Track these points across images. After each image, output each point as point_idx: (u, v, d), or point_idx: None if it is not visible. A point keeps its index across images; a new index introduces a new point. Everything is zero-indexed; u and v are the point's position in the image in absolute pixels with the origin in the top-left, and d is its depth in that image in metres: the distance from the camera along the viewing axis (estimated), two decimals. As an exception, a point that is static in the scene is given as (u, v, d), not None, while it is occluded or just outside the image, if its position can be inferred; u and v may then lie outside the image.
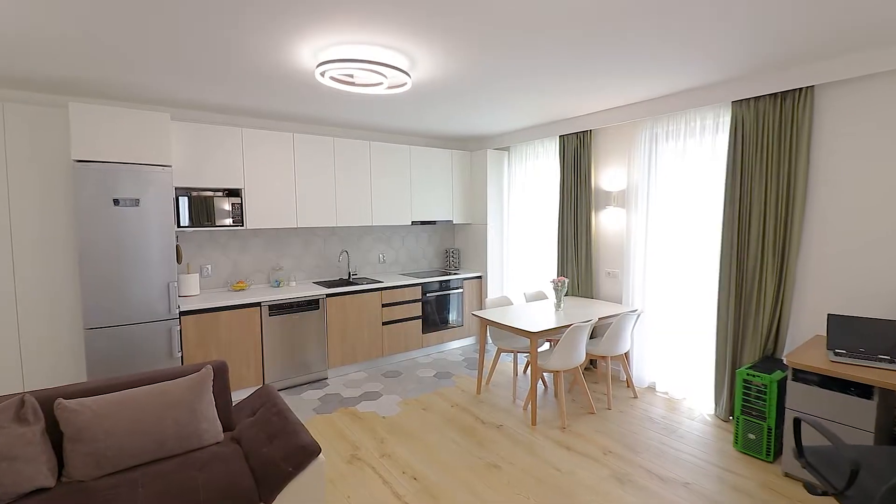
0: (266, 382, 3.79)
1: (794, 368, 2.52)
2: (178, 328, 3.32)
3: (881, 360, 2.36)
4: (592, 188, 4.18)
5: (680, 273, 3.63)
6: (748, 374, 2.79)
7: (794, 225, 2.92)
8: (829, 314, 2.64)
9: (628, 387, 3.87)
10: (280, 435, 2.08)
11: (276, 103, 3.62)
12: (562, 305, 3.79)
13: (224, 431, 2.31)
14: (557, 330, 3.27)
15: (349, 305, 4.21)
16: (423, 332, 4.74)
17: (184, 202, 3.56)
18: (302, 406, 3.57)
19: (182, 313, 3.38)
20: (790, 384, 2.54)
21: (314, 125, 4.48)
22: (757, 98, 3.04)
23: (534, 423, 3.23)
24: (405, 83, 2.84)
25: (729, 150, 3.18)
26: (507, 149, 5.19)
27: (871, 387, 2.27)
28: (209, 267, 4.00)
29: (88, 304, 3.03)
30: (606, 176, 4.13)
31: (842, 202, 2.80)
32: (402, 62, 2.62)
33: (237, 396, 3.67)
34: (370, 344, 4.37)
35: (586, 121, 4.15)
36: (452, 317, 4.97)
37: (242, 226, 3.82)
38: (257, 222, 3.89)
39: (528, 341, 3.81)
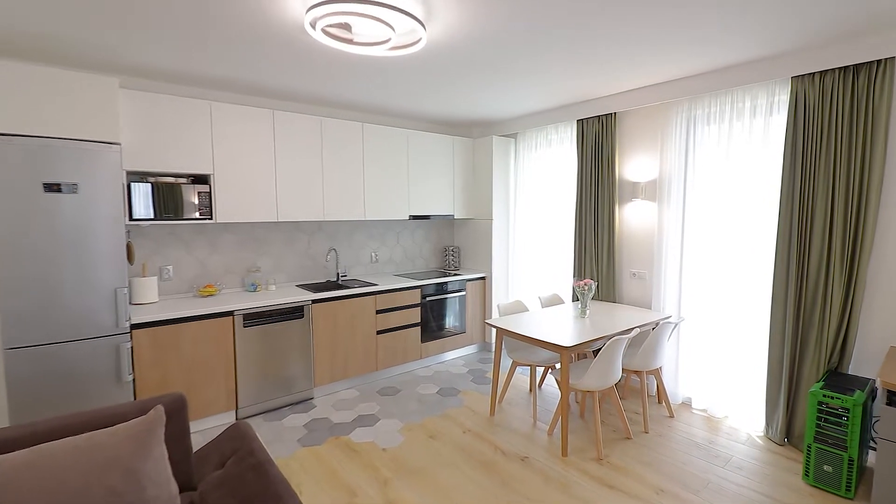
0: (240, 406, 3.18)
1: (889, 390, 2.09)
2: (129, 345, 2.69)
3: None
4: (616, 179, 3.72)
5: (721, 274, 3.20)
6: (824, 396, 2.36)
7: (867, 221, 2.50)
8: (922, 325, 2.23)
9: (660, 402, 3.42)
10: (258, 502, 1.51)
11: (253, 71, 3.01)
12: (587, 312, 3.31)
13: (182, 491, 1.73)
14: (590, 343, 2.79)
15: (339, 312, 3.63)
16: (422, 341, 4.20)
17: (138, 190, 2.92)
18: (284, 435, 2.98)
19: (134, 326, 2.74)
20: (884, 409, 2.11)
21: (298, 103, 3.87)
22: (823, 72, 2.61)
23: (564, 453, 2.74)
24: (417, 40, 2.29)
25: (787, 135, 2.75)
26: (514, 136, 4.69)
27: None
28: (170, 268, 3.35)
29: (10, 316, 2.38)
30: (633, 165, 3.67)
31: (928, 193, 2.40)
32: (415, 8, 2.07)
33: (204, 426, 3.05)
34: (363, 356, 3.80)
35: (610, 102, 3.68)
36: (454, 323, 4.44)
37: (211, 219, 3.19)
38: (229, 215, 3.27)
39: (548, 354, 3.32)
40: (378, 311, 3.87)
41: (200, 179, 3.23)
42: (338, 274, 4.14)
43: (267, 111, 3.40)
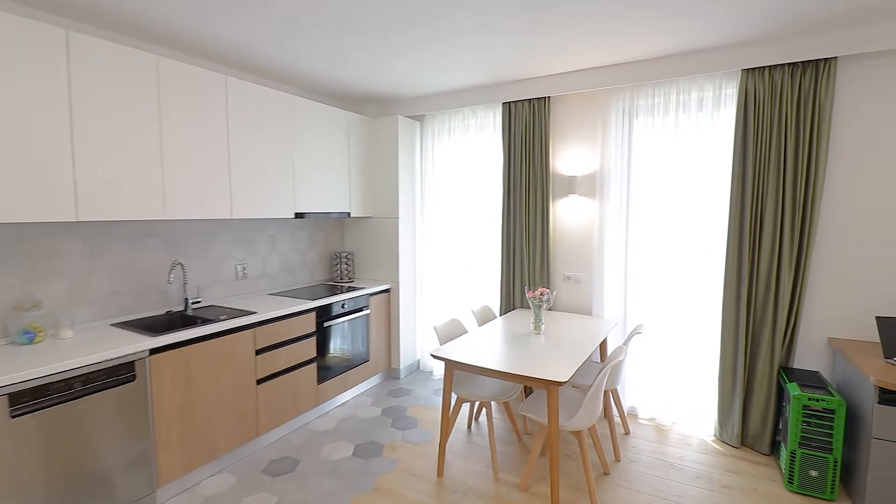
0: (8, 568, 1.70)
1: (882, 389, 2.05)
2: None
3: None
4: (550, 172, 3.30)
5: (664, 276, 3.03)
6: (809, 399, 2.27)
7: (813, 216, 2.53)
8: (877, 317, 2.29)
9: (605, 417, 3.11)
10: None
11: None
12: (542, 327, 2.78)
13: None
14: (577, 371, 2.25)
15: (197, 362, 2.34)
16: (318, 382, 3.12)
17: None
18: None
19: None
20: (877, 408, 2.06)
21: (115, 30, 2.40)
22: (772, 67, 2.58)
23: (558, 515, 2.13)
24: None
25: (737, 130, 2.67)
26: (420, 118, 3.92)
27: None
28: None
29: None
30: (568, 157, 3.30)
31: (859, 193, 2.52)
32: None
33: None
34: (237, 420, 2.57)
35: (542, 84, 3.24)
36: (356, 350, 3.46)
37: (-79, 217, 1.63)
38: (-32, 209, 1.74)
39: (500, 386, 2.69)
40: (259, 351, 2.67)
41: None
42: (186, 300, 2.76)
43: (57, 31, 1.93)
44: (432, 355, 2.41)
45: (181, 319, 2.66)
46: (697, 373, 2.96)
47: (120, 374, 2.04)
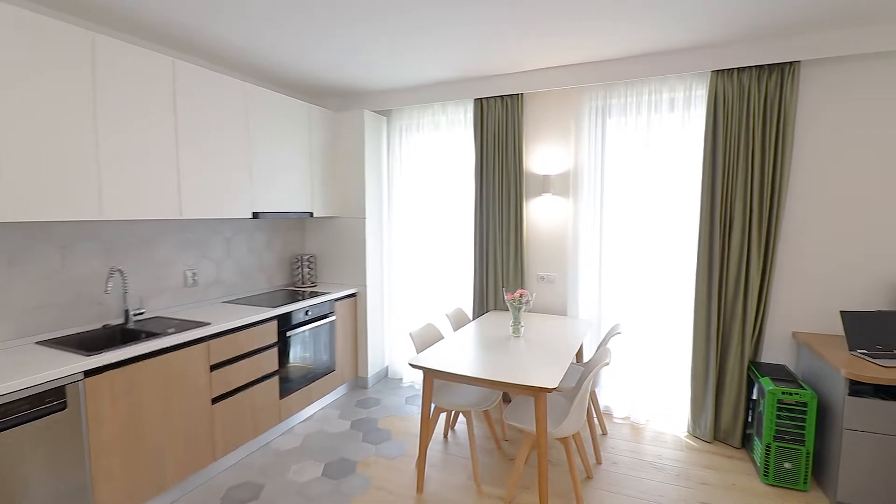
0: None
1: (851, 381, 2.12)
2: None
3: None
4: (523, 171, 3.22)
5: (637, 275, 3.03)
6: (783, 393, 2.32)
7: (780, 214, 2.61)
8: (842, 311, 2.38)
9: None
10: None
11: None
12: (521, 330, 2.70)
13: None
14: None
15: (140, 383, 2.06)
16: (280, 397, 2.87)
17: None
18: None
19: None
20: (848, 400, 2.13)
21: (46, 4, 2.06)
22: (741, 69, 2.63)
23: (548, 528, 2.04)
24: None
25: (707, 130, 2.71)
26: (387, 113, 3.73)
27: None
28: None
29: None
30: (541, 155, 3.24)
31: (820, 191, 2.62)
32: None
33: None
34: (190, 445, 2.29)
35: (515, 81, 3.16)
36: (321, 360, 3.23)
37: None
38: None
39: (480, 394, 2.57)
40: (213, 367, 2.40)
41: None
42: (126, 312, 2.44)
43: (-50, -11, 1.61)
44: (411, 364, 2.25)
45: (121, 334, 2.34)
46: (669, 370, 2.99)
47: (47, 401, 1.73)
